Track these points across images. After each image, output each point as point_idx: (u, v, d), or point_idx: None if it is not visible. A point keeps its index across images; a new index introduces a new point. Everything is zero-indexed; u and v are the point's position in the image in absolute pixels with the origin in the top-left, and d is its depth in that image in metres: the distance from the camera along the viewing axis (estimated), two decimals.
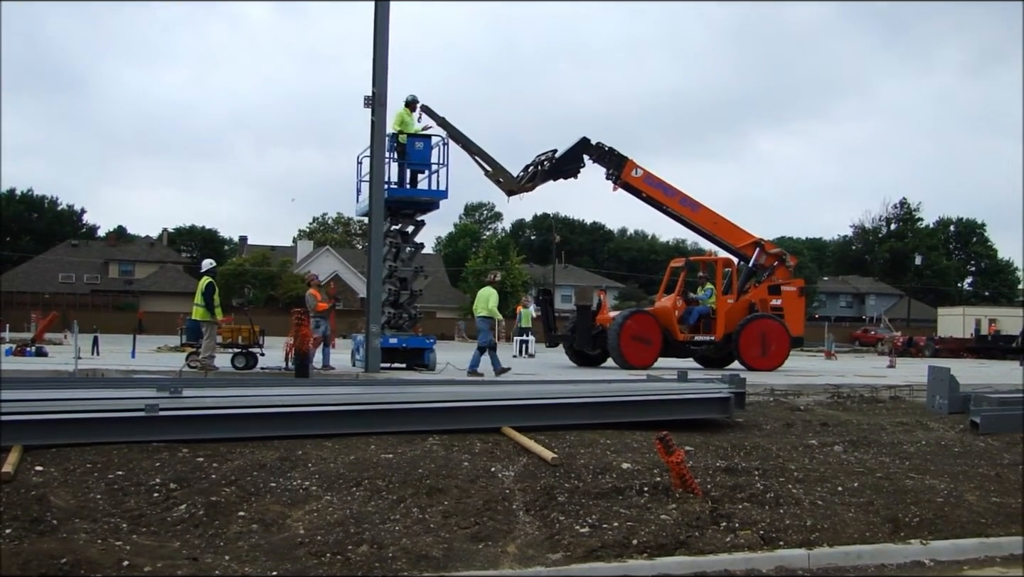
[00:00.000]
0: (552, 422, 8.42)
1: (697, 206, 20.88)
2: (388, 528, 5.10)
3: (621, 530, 5.07)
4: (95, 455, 6.48)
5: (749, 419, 9.78)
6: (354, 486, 5.93)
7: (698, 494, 5.76)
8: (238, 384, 11.05)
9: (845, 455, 7.72)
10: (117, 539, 4.79)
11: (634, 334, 19.64)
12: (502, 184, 19.90)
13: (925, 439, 8.67)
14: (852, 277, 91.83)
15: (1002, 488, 6.55)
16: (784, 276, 21.22)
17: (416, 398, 8.59)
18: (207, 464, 6.37)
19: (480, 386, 11.18)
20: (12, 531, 4.77)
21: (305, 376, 14.18)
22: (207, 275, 15.92)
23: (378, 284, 16.94)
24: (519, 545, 4.93)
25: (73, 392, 8.54)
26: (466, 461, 6.75)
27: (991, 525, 5.58)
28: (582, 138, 20.36)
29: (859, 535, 5.26)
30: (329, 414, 7.81)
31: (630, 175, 20.36)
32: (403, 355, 17.50)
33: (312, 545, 4.75)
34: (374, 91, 16.34)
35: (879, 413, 11.09)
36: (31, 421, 6.80)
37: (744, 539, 5.05)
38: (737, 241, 21.19)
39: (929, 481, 6.65)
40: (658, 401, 9.20)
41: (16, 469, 5.93)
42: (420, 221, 18.73)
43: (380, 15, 16.45)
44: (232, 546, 4.77)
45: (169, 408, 7.24)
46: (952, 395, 10.76)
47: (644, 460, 6.90)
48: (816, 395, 13.39)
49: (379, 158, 16.57)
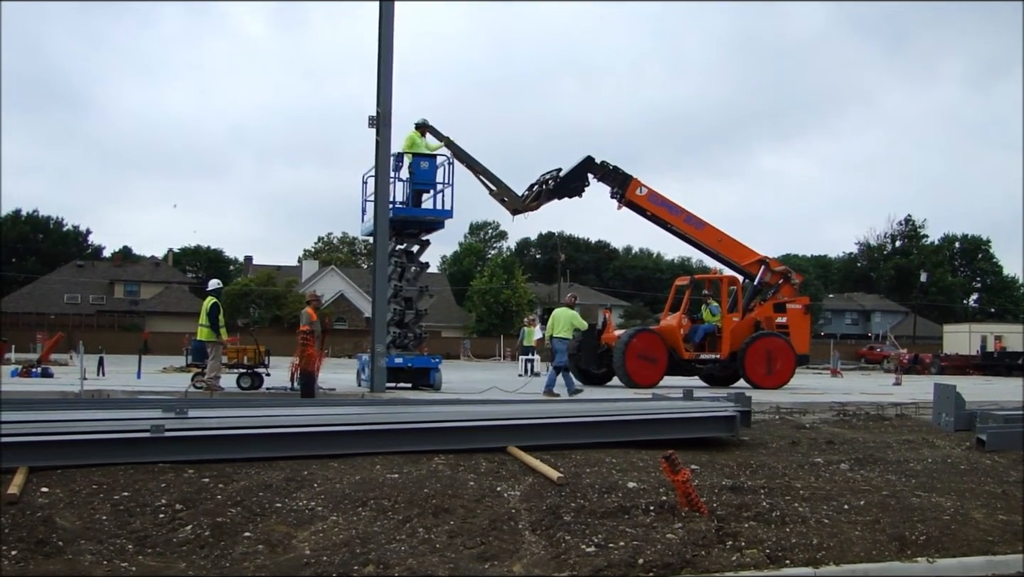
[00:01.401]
0: (558, 441, 8.41)
1: (702, 224, 20.90)
2: (394, 548, 5.09)
3: (627, 549, 5.06)
4: (101, 476, 6.49)
5: (755, 437, 9.76)
6: (360, 506, 5.92)
7: (704, 513, 5.75)
8: (244, 404, 11.09)
9: (851, 473, 7.69)
10: (123, 560, 4.80)
11: (639, 353, 19.64)
12: (507, 203, 19.96)
13: (931, 457, 8.64)
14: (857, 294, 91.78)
15: (1008, 506, 6.52)
16: (789, 294, 21.23)
17: (421, 418, 8.59)
18: (213, 485, 6.38)
19: (485, 405, 11.18)
20: (18, 553, 4.78)
21: (311, 396, 14.20)
22: (212, 295, 15.97)
23: (383, 304, 16.98)
24: (525, 565, 4.92)
25: (79, 413, 8.57)
26: (472, 481, 6.74)
27: (998, 543, 5.55)
28: (586, 157, 20.42)
29: (865, 553, 5.23)
30: (335, 434, 7.82)
31: (635, 194, 20.42)
32: (408, 375, 17.50)
33: (318, 566, 4.75)
34: (379, 111, 16.43)
35: (885, 431, 11.06)
36: (36, 442, 6.82)
37: (750, 558, 5.03)
38: (742, 259, 21.20)
39: (935, 499, 6.62)
40: (663, 420, 9.18)
41: (21, 490, 5.94)
42: (425, 240, 18.80)
43: (384, 35, 16.56)
44: (238, 567, 4.77)
45: (175, 429, 7.26)
46: (958, 412, 10.74)
47: (650, 479, 6.89)
48: (822, 413, 13.36)
49: (384, 178, 16.64)
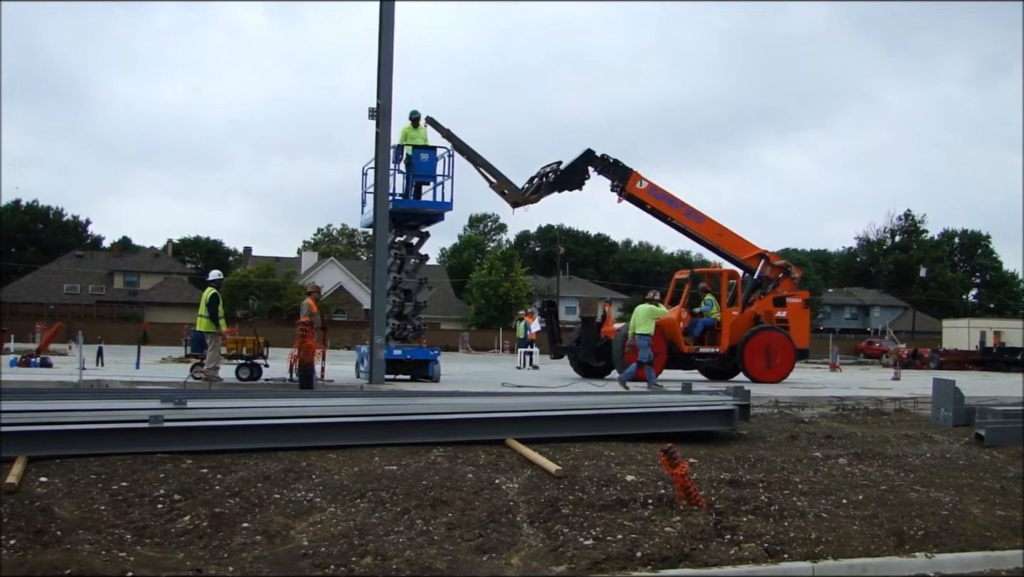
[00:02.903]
0: (556, 434, 8.41)
1: (702, 218, 20.89)
2: (392, 540, 5.09)
3: (625, 542, 5.06)
4: (99, 466, 6.49)
5: (754, 431, 9.76)
6: (358, 498, 5.93)
7: (702, 506, 5.75)
8: (242, 395, 11.09)
9: (850, 468, 7.69)
10: (121, 550, 4.80)
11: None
12: (507, 196, 19.95)
13: (930, 452, 8.65)
14: (857, 289, 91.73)
15: (1007, 501, 6.53)
16: (789, 288, 21.21)
17: (420, 410, 8.58)
18: (211, 475, 6.38)
19: (484, 398, 11.18)
20: (16, 542, 4.78)
21: (309, 388, 14.21)
22: (212, 286, 15.97)
23: (382, 296, 16.98)
24: (523, 557, 4.92)
25: (77, 403, 8.57)
26: (470, 473, 6.74)
27: (996, 538, 5.56)
28: (587, 150, 20.40)
29: (864, 548, 5.24)
30: (333, 426, 7.82)
31: (635, 187, 20.40)
32: (407, 366, 17.51)
33: (316, 557, 4.75)
34: (379, 103, 16.38)
35: (884, 425, 11.07)
36: (35, 432, 6.81)
37: (748, 552, 5.03)
38: (742, 253, 21.19)
39: (934, 494, 6.63)
40: (662, 413, 9.18)
41: (20, 480, 5.94)
42: (424, 233, 18.79)
43: (385, 27, 16.52)
44: (236, 558, 4.77)
45: (173, 419, 7.25)
46: (957, 407, 10.74)
47: (648, 472, 6.89)
48: (821, 407, 13.37)
49: (384, 170, 16.61)
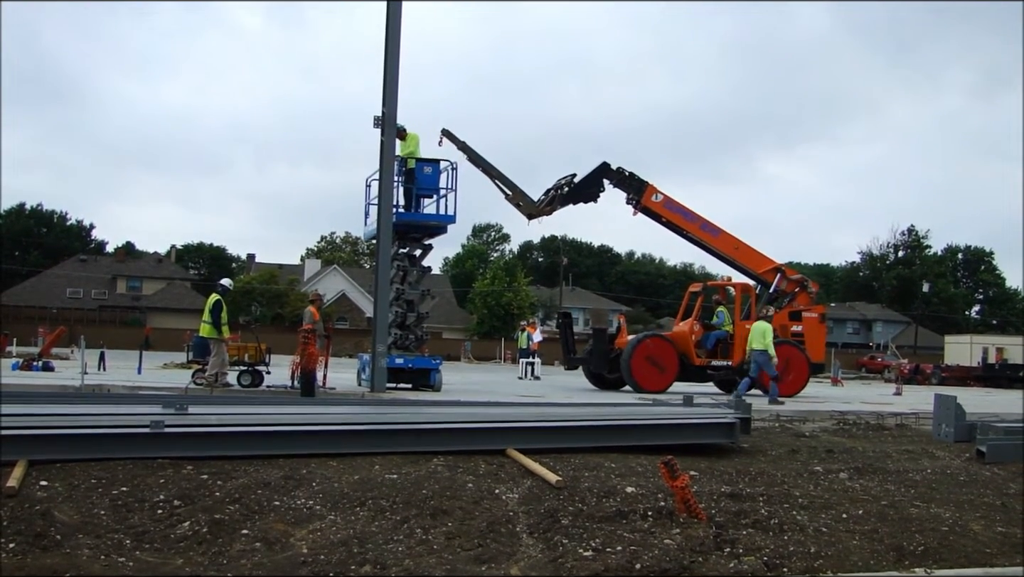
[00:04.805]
0: (557, 445, 8.40)
1: (718, 231, 20.88)
2: (391, 549, 5.09)
3: (625, 554, 5.05)
4: (100, 471, 6.49)
5: (755, 445, 9.75)
6: (358, 506, 5.92)
7: (702, 519, 5.74)
8: (244, 402, 11.09)
9: (850, 482, 7.68)
10: (120, 555, 4.80)
11: (647, 356, 19.60)
12: (522, 208, 20.03)
13: (931, 467, 8.63)
14: (859, 304, 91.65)
15: (1007, 518, 6.51)
16: (806, 302, 21.14)
17: (421, 418, 8.58)
18: (211, 481, 6.38)
19: (485, 408, 11.18)
20: (16, 546, 4.78)
21: (311, 395, 14.21)
22: (217, 292, 16.01)
23: (385, 305, 16.99)
24: (522, 568, 4.91)
25: (79, 408, 8.56)
26: (470, 482, 6.74)
27: (996, 555, 5.54)
28: (602, 163, 20.54)
29: (863, 563, 5.22)
30: (334, 433, 7.82)
31: (650, 200, 20.44)
32: (409, 375, 17.52)
33: (315, 564, 4.75)
34: (384, 111, 16.41)
35: (885, 441, 11.05)
36: (36, 436, 6.82)
37: (748, 565, 5.02)
38: (758, 267, 21.14)
39: (934, 510, 6.61)
40: (663, 425, 9.17)
41: (21, 484, 5.95)
42: (428, 245, 18.82)
43: (391, 38, 16.56)
44: (235, 564, 4.76)
45: (175, 425, 7.26)
46: (958, 423, 10.71)
47: (648, 484, 6.88)
48: (822, 422, 13.35)
49: (388, 180, 16.62)
